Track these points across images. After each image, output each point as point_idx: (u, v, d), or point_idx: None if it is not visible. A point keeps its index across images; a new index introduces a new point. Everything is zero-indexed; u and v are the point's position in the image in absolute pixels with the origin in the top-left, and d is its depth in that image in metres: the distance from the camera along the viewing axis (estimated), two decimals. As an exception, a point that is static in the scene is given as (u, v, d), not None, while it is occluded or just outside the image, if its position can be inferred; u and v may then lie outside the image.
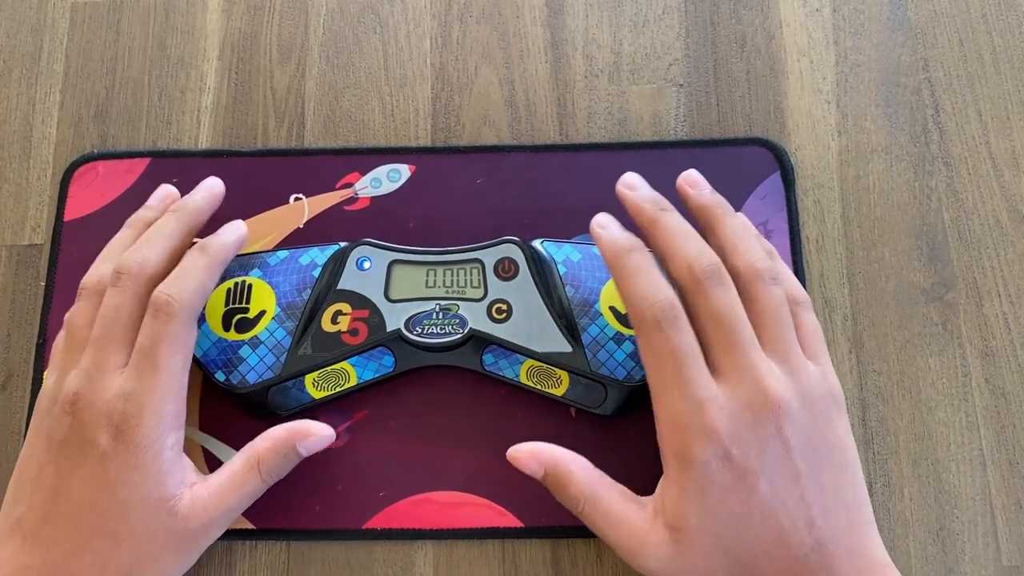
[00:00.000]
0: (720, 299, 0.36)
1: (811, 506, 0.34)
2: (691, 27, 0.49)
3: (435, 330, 0.41)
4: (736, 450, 0.34)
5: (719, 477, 0.34)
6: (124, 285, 0.38)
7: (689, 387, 0.35)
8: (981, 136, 0.46)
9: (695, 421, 0.34)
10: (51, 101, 0.49)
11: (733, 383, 0.35)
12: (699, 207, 0.40)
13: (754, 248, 0.38)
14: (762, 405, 0.34)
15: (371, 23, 0.50)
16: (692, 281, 0.36)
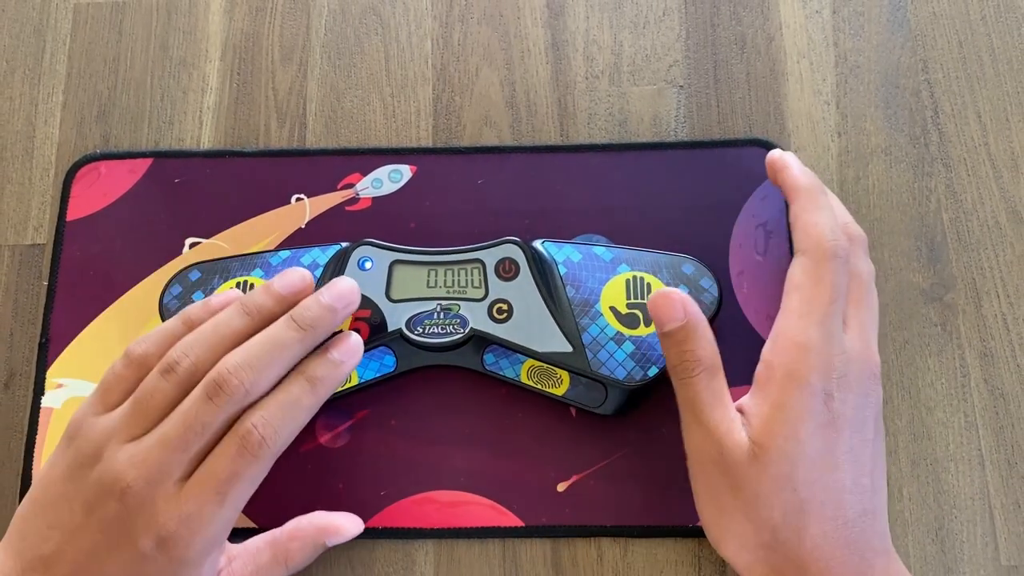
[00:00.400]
0: (863, 263, 0.40)
1: (867, 474, 0.36)
2: (691, 28, 0.49)
3: (436, 330, 0.41)
4: (840, 394, 0.36)
5: (818, 412, 0.35)
6: (222, 405, 0.34)
7: (831, 322, 0.37)
8: (980, 138, 0.46)
9: (824, 352, 0.36)
10: (54, 101, 0.49)
11: (854, 337, 0.37)
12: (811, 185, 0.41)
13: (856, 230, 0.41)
14: (868, 366, 0.37)
15: (373, 24, 0.50)
16: (817, 250, 0.38)
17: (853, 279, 0.39)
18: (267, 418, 0.35)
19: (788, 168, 0.41)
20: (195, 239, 0.46)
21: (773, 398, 0.36)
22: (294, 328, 0.36)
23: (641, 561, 0.41)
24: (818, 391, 0.35)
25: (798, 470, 0.35)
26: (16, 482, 0.43)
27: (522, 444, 0.42)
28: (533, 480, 0.42)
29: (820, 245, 0.38)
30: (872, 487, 0.36)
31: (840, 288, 0.37)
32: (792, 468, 0.35)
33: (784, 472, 0.35)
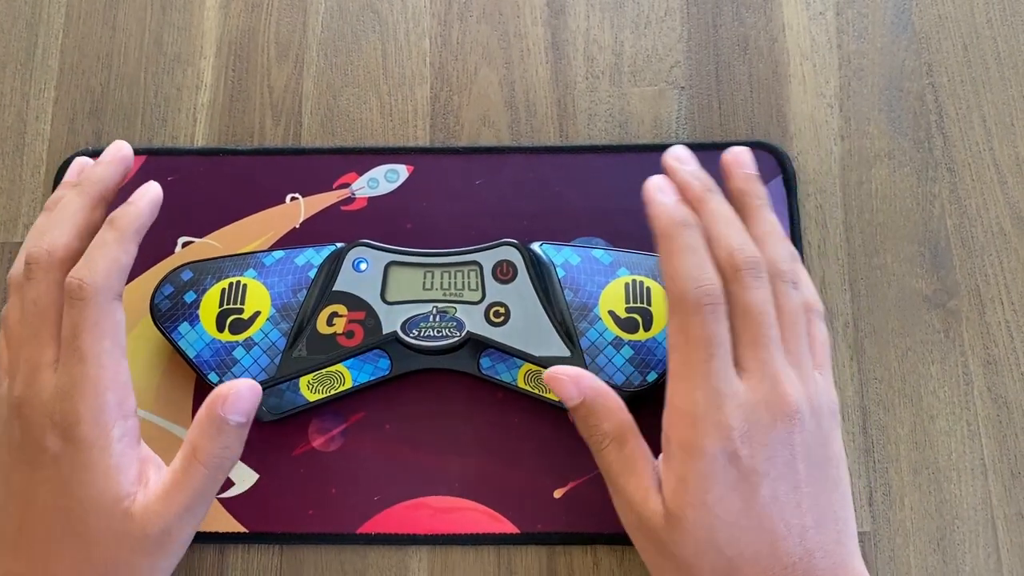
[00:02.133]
0: (756, 293, 0.35)
1: (806, 515, 0.34)
2: (693, 29, 0.48)
3: (432, 333, 0.41)
4: (745, 450, 0.33)
5: (723, 474, 0.33)
6: (36, 276, 0.36)
7: (713, 379, 0.34)
8: (985, 142, 0.46)
9: (712, 414, 0.34)
10: (45, 97, 0.48)
11: (755, 381, 0.34)
12: (739, 191, 0.38)
13: (781, 247, 0.37)
14: (778, 408, 0.34)
15: (370, 22, 0.49)
16: (731, 268, 0.35)
17: (742, 316, 0.35)
18: (79, 264, 0.36)
19: (648, 204, 0.37)
20: (188, 238, 0.45)
21: (676, 471, 0.34)
22: (71, 187, 0.39)
23: (638, 570, 0.40)
24: (717, 456, 0.33)
25: (717, 534, 0.34)
26: (3, 484, 0.42)
27: (518, 450, 0.42)
28: (529, 486, 0.41)
29: (683, 299, 0.34)
30: (817, 523, 0.34)
31: (716, 339, 0.34)
32: (710, 533, 0.34)
33: (703, 537, 0.34)
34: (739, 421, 0.34)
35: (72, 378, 0.35)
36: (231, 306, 0.41)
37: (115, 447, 0.35)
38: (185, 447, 0.36)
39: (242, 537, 0.41)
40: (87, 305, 0.35)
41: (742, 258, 0.35)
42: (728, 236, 0.36)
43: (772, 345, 0.35)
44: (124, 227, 0.37)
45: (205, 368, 0.40)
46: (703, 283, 0.34)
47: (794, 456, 0.34)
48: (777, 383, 0.34)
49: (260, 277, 0.42)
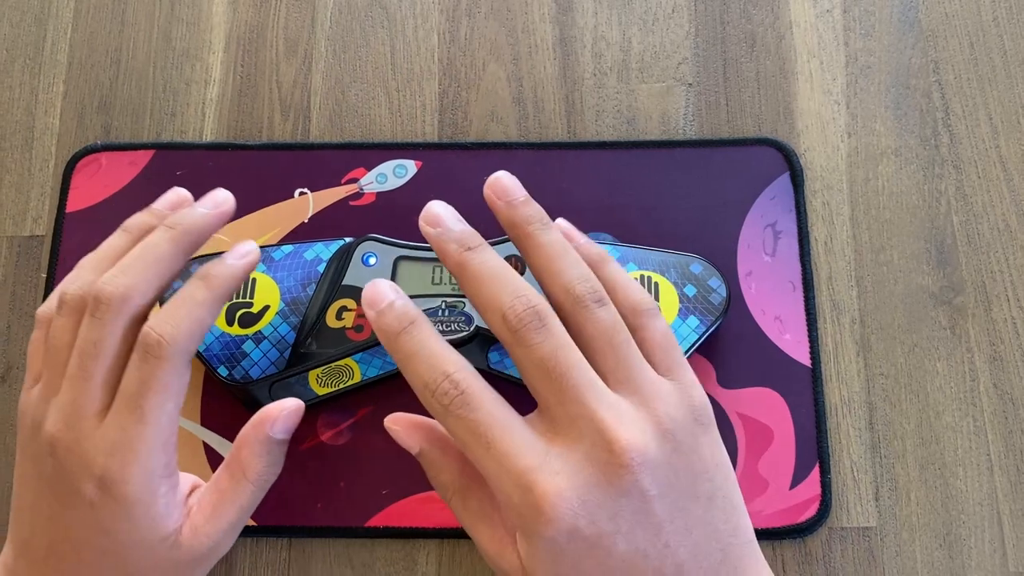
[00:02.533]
0: (541, 346, 0.31)
1: (677, 551, 0.31)
2: (701, 26, 0.48)
3: (441, 327, 0.41)
4: (583, 520, 0.30)
5: (568, 548, 0.30)
6: (103, 318, 0.33)
7: (508, 461, 0.30)
8: (991, 139, 0.46)
9: (526, 501, 0.30)
10: (54, 91, 0.49)
11: (572, 438, 0.30)
12: (509, 224, 0.35)
13: (570, 269, 0.33)
14: (609, 460, 0.30)
15: (379, 17, 0.49)
16: (508, 333, 0.32)
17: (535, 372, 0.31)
18: (162, 318, 0.33)
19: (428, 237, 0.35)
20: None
21: (522, 546, 0.31)
22: (163, 230, 0.35)
23: (645, 564, 0.40)
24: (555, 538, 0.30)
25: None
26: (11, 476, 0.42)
27: (526, 444, 0.42)
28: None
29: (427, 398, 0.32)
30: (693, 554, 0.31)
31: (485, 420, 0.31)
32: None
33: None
34: (564, 492, 0.30)
35: (126, 436, 0.33)
36: (240, 300, 0.41)
37: (159, 503, 0.34)
38: (232, 465, 0.36)
39: (250, 530, 0.41)
40: (162, 365, 0.33)
41: (513, 317, 0.31)
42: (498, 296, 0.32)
43: (581, 389, 0.31)
44: (217, 287, 0.35)
45: (215, 362, 0.41)
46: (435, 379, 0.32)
47: (647, 500, 0.30)
48: (600, 431, 0.30)
49: (269, 271, 0.42)
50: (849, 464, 0.42)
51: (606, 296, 0.33)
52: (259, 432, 0.36)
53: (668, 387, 0.32)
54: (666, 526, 0.31)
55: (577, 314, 0.32)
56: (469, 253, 0.34)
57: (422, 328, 0.33)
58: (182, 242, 0.35)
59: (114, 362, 0.34)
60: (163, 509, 0.34)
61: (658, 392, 0.32)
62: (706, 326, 0.40)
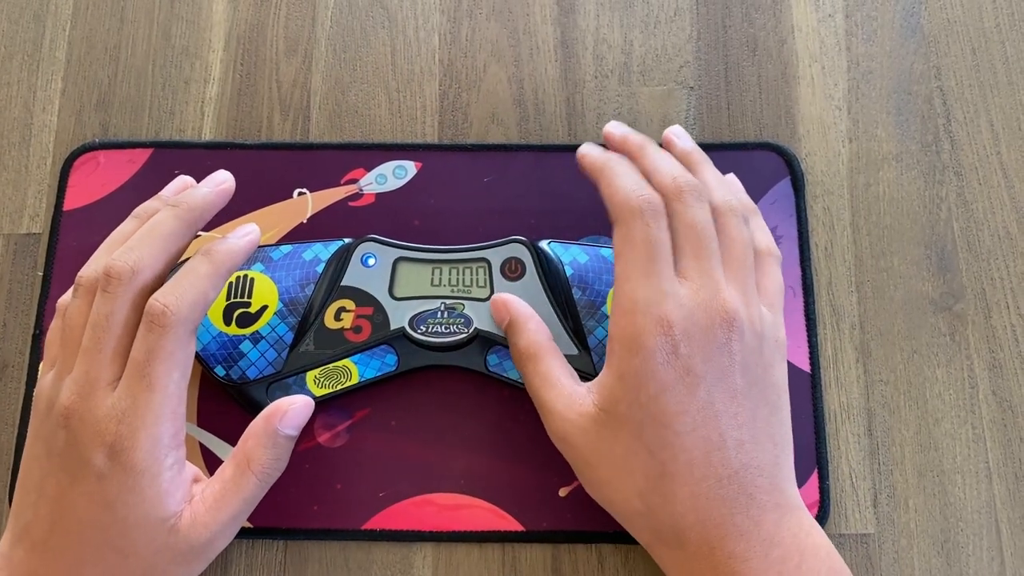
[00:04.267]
0: (697, 211, 0.37)
1: (742, 428, 0.34)
2: (703, 30, 0.48)
3: (439, 329, 0.41)
4: (684, 348, 0.34)
5: (661, 371, 0.34)
6: (114, 291, 0.35)
7: (654, 277, 0.35)
8: (992, 146, 0.46)
9: (653, 310, 0.34)
10: (52, 88, 0.48)
11: (695, 286, 0.35)
12: (684, 152, 0.41)
13: (733, 191, 0.39)
14: (717, 312, 0.35)
15: (379, 17, 0.49)
16: (675, 190, 0.37)
17: (685, 229, 0.36)
18: (166, 290, 0.35)
19: (584, 155, 0.40)
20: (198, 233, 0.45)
21: (615, 368, 0.35)
22: (168, 208, 0.38)
23: (642, 568, 0.40)
24: (656, 350, 0.34)
25: (646, 433, 0.34)
26: (7, 475, 0.42)
27: (524, 448, 0.41)
28: (534, 484, 0.41)
29: (624, 207, 0.36)
30: (754, 439, 0.34)
31: (657, 243, 0.36)
32: (639, 431, 0.34)
33: (633, 436, 0.34)
34: (679, 318, 0.34)
35: (136, 403, 0.34)
36: (238, 299, 0.41)
37: (165, 475, 0.35)
38: (238, 457, 0.37)
39: (246, 532, 0.41)
40: (167, 333, 0.34)
41: (684, 181, 0.37)
42: (671, 167, 0.38)
43: (713, 258, 0.36)
44: (219, 263, 0.37)
45: (212, 361, 0.40)
46: (641, 193, 0.36)
47: (732, 364, 0.35)
48: (717, 291, 0.35)
49: (267, 271, 0.42)
50: (848, 470, 0.41)
51: (754, 223, 0.40)
52: (268, 425, 0.37)
53: (766, 311, 0.37)
54: (740, 399, 0.34)
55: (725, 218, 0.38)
56: (650, 142, 0.40)
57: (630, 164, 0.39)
58: (186, 218, 0.38)
59: (124, 332, 0.35)
60: (167, 484, 0.35)
61: (758, 306, 0.37)
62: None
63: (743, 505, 0.34)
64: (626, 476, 0.34)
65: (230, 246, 0.37)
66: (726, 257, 0.37)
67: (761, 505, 0.34)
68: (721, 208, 0.38)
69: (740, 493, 0.34)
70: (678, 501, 0.34)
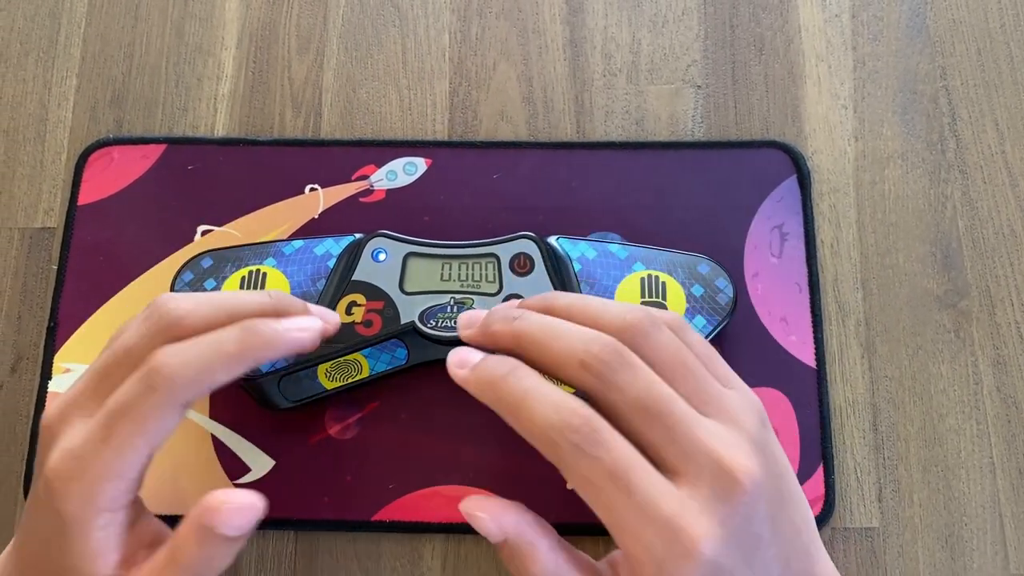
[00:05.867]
0: (634, 384, 0.30)
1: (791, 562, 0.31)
2: (710, 29, 0.49)
3: (449, 323, 0.41)
4: (725, 558, 0.29)
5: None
6: (142, 326, 0.32)
7: (650, 508, 0.28)
8: (997, 145, 0.46)
9: (675, 547, 0.28)
10: (67, 85, 0.49)
11: (692, 477, 0.29)
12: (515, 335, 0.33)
13: (608, 307, 0.32)
14: (733, 492, 0.29)
15: (390, 16, 0.50)
16: (594, 378, 0.30)
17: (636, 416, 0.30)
18: (181, 348, 0.31)
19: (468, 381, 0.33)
20: (207, 227, 0.46)
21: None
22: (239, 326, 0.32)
23: (649, 561, 0.41)
24: None
25: None
26: (21, 467, 0.43)
27: (532, 441, 0.42)
28: (542, 477, 0.41)
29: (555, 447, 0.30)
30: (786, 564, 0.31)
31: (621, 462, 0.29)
32: None
33: None
34: (705, 533, 0.28)
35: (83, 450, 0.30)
36: (251, 294, 0.42)
37: (96, 534, 0.31)
38: (170, 542, 0.31)
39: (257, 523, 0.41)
40: (151, 395, 0.30)
41: (595, 358, 0.30)
42: (568, 347, 0.31)
43: (687, 422, 0.30)
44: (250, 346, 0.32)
45: (224, 354, 0.41)
46: (560, 420, 0.29)
47: (763, 525, 0.30)
48: (716, 462, 0.29)
49: (280, 266, 0.42)
50: (853, 465, 0.42)
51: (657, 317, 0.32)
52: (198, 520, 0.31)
53: (737, 398, 0.32)
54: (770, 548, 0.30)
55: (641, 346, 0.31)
56: (517, 321, 0.32)
57: (527, 369, 0.31)
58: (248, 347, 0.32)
59: None
60: (96, 544, 0.31)
61: (734, 406, 0.31)
62: (712, 326, 0.41)
63: None
64: None
65: (274, 333, 0.32)
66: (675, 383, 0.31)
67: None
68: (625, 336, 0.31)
69: None
70: None
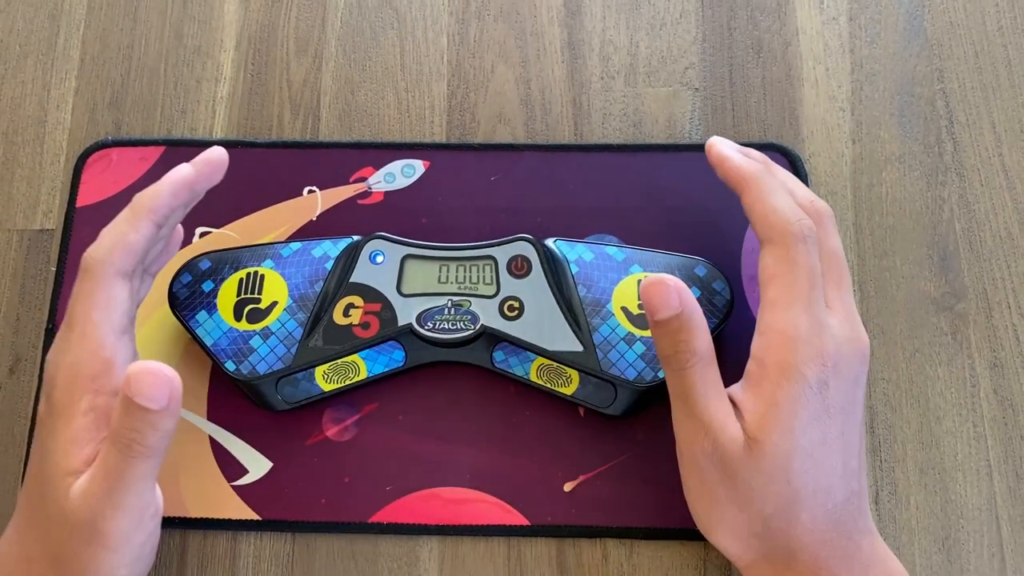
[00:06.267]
0: (836, 238, 0.38)
1: (855, 457, 0.36)
2: (708, 32, 0.49)
3: (446, 325, 0.41)
4: (834, 381, 0.35)
5: (812, 402, 0.34)
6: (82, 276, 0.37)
7: (816, 307, 0.36)
8: (994, 148, 0.46)
9: (815, 341, 0.35)
10: (66, 87, 0.49)
11: (841, 318, 0.36)
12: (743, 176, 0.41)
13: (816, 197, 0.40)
14: (859, 346, 0.36)
15: (389, 18, 0.50)
16: (815, 216, 0.38)
17: (827, 258, 0.37)
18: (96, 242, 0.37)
19: (728, 158, 0.39)
20: (205, 228, 0.46)
21: (767, 394, 0.35)
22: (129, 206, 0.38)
23: (647, 563, 0.41)
24: (812, 383, 0.35)
25: (793, 463, 0.34)
26: (19, 467, 0.43)
27: (530, 443, 0.42)
28: (540, 479, 0.42)
29: (786, 230, 0.36)
30: (860, 467, 0.36)
31: (816, 270, 0.36)
32: (787, 462, 0.34)
33: (779, 466, 0.34)
34: (833, 351, 0.35)
35: (59, 344, 0.36)
36: (249, 295, 0.42)
37: (78, 420, 0.34)
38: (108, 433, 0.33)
39: (255, 524, 0.41)
40: (84, 276, 0.36)
41: (822, 206, 0.39)
42: (802, 190, 0.40)
43: (847, 286, 0.38)
44: (137, 205, 0.37)
45: (222, 356, 0.41)
46: (803, 219, 0.37)
47: (858, 397, 0.36)
48: (855, 324, 0.37)
49: (277, 268, 0.42)
50: (849, 467, 0.42)
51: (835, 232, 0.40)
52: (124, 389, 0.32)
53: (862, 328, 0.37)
54: (858, 428, 0.36)
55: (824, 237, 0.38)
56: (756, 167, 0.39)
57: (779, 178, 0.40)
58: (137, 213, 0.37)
59: None
60: (78, 431, 0.34)
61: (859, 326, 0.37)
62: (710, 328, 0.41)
63: (848, 530, 0.35)
64: (757, 501, 0.35)
65: (150, 189, 0.37)
66: (844, 282, 0.38)
67: (861, 530, 0.35)
68: (820, 218, 0.39)
69: (847, 518, 0.35)
70: (798, 524, 0.35)
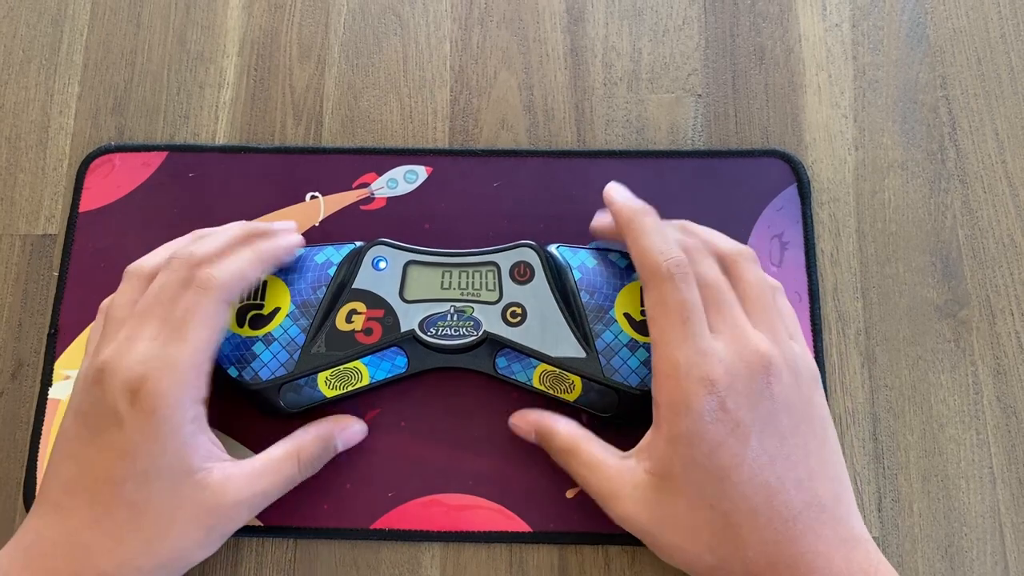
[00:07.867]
0: (709, 269, 0.38)
1: (797, 467, 0.35)
2: (711, 38, 0.49)
3: (449, 332, 0.41)
4: (731, 402, 0.35)
5: (712, 428, 0.35)
6: (173, 267, 0.38)
7: (691, 339, 0.36)
8: (997, 155, 0.46)
9: (695, 371, 0.35)
10: (69, 92, 0.49)
11: (727, 339, 0.36)
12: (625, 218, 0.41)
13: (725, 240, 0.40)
14: (753, 360, 0.36)
15: (392, 24, 0.50)
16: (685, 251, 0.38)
17: (704, 287, 0.38)
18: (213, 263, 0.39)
19: (613, 202, 0.41)
20: (208, 234, 0.46)
21: (664, 432, 0.36)
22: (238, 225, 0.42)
23: (649, 570, 0.41)
24: (704, 410, 0.35)
25: (706, 489, 0.35)
26: (21, 473, 0.43)
27: (532, 449, 0.42)
28: (542, 486, 0.42)
29: (655, 271, 0.37)
30: (810, 477, 0.35)
31: (689, 303, 0.37)
32: (700, 488, 0.35)
33: (693, 495, 0.35)
34: (721, 373, 0.35)
35: (167, 354, 0.36)
36: (251, 301, 0.42)
37: (187, 427, 0.36)
38: (289, 444, 0.40)
39: (256, 530, 0.41)
40: (207, 294, 0.37)
41: (691, 243, 0.39)
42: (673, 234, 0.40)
43: (734, 307, 0.38)
44: (260, 252, 0.40)
45: (225, 362, 0.41)
46: (671, 255, 0.38)
47: (776, 407, 0.35)
48: (748, 337, 0.36)
49: (280, 274, 0.42)
50: (852, 474, 0.42)
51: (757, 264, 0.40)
52: (330, 429, 0.41)
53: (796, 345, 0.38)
54: (790, 440, 0.35)
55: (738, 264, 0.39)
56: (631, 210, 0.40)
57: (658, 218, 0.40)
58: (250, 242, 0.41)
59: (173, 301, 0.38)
60: (189, 438, 0.36)
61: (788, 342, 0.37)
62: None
63: (811, 543, 0.34)
64: (693, 534, 0.35)
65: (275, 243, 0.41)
66: (747, 302, 0.38)
67: (828, 541, 0.34)
68: (731, 256, 0.39)
69: (807, 531, 0.34)
70: (749, 547, 0.34)
